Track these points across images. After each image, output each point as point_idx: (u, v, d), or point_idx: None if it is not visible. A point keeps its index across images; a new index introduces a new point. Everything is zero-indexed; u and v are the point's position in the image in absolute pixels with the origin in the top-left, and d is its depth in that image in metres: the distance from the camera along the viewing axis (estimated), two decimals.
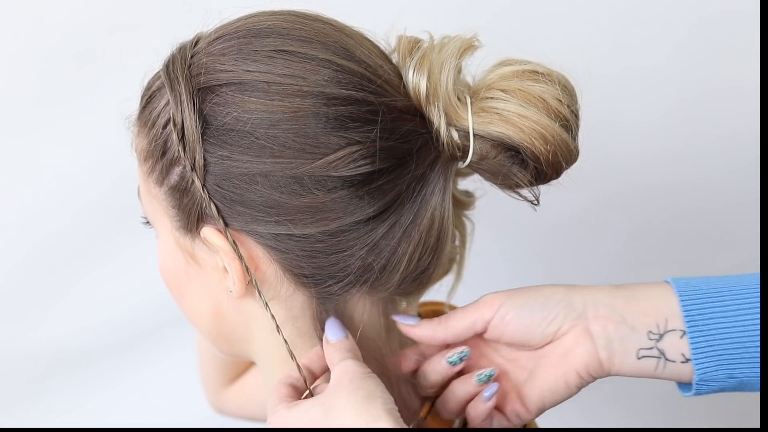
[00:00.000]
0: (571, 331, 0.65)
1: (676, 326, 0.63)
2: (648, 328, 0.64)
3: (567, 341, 0.65)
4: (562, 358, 0.66)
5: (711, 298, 0.64)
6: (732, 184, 1.18)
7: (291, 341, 0.68)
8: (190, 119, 0.62)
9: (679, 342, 0.63)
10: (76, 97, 1.10)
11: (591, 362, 0.65)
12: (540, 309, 0.65)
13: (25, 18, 1.07)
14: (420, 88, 0.64)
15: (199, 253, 0.66)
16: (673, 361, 0.64)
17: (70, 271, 1.19)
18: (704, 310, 0.63)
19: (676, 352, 0.64)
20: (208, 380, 0.99)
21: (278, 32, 0.63)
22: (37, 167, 1.14)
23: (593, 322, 0.65)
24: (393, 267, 0.65)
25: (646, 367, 0.64)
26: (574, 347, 0.65)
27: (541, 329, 0.65)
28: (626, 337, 0.64)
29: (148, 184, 0.67)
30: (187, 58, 0.64)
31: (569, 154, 0.65)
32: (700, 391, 0.64)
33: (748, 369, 0.63)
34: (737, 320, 0.63)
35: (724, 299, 0.64)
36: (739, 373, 0.63)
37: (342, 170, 0.61)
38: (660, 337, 0.64)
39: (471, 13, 1.05)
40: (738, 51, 1.13)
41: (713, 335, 0.63)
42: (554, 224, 1.16)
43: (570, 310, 0.65)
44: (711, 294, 0.64)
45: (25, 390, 1.25)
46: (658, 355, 0.64)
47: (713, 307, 0.63)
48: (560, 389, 0.66)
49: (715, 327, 0.63)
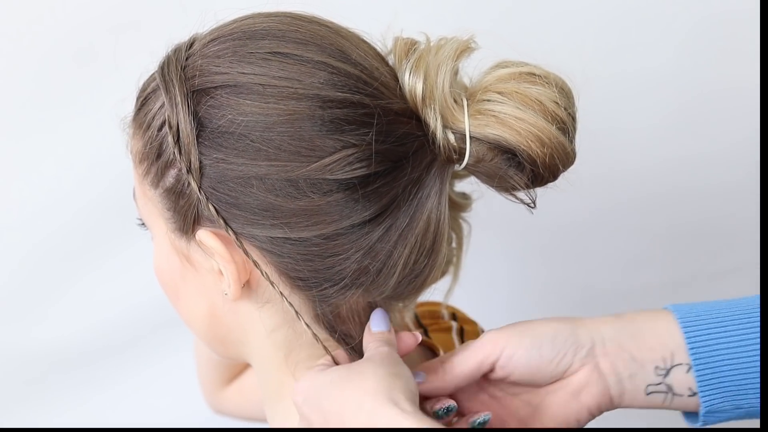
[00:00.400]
0: (582, 370, 0.64)
1: (681, 360, 0.63)
2: (655, 364, 0.63)
3: (578, 380, 0.65)
4: (573, 396, 0.65)
5: (714, 328, 0.63)
6: (732, 185, 1.18)
7: (287, 344, 0.68)
8: (185, 122, 0.61)
9: (685, 376, 0.63)
10: (75, 97, 1.10)
11: (603, 400, 0.65)
12: (549, 347, 0.64)
13: (24, 18, 1.07)
14: (416, 91, 0.63)
15: (194, 255, 0.66)
16: (681, 395, 0.64)
17: (69, 272, 1.19)
18: (709, 342, 0.63)
19: (683, 387, 0.64)
20: (206, 381, 0.99)
21: (274, 34, 0.63)
22: (36, 168, 1.14)
23: (602, 359, 0.64)
24: (389, 270, 0.65)
25: (654, 401, 0.65)
26: (586, 386, 0.65)
27: (551, 368, 0.64)
28: (635, 374, 0.64)
29: (143, 186, 0.67)
30: (182, 60, 0.64)
31: (566, 157, 0.65)
32: (707, 421, 0.64)
33: (755, 399, 0.62)
34: (742, 350, 0.62)
35: (728, 328, 0.63)
36: (746, 404, 0.63)
37: (337, 173, 0.60)
38: (667, 372, 0.63)
39: (468, 15, 1.05)
40: (738, 53, 1.12)
41: (719, 367, 0.62)
42: (552, 226, 1.16)
43: (579, 347, 0.64)
44: (714, 324, 0.63)
45: (25, 390, 1.25)
46: (666, 390, 0.64)
47: (718, 336, 0.63)
48: (572, 425, 0.66)
49: (720, 358, 0.62)
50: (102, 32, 1.07)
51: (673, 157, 1.17)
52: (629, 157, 1.17)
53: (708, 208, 1.20)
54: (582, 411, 0.65)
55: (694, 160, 1.17)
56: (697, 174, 1.18)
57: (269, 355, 0.69)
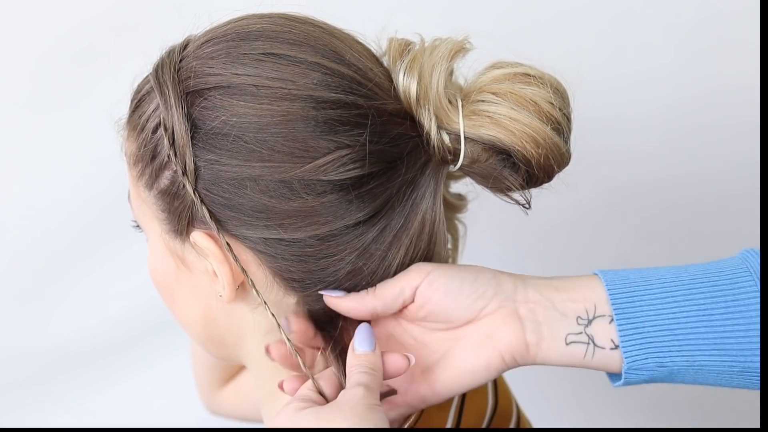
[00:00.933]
0: (498, 312, 0.64)
1: (604, 312, 0.62)
2: (577, 314, 0.63)
3: (492, 322, 0.64)
4: (486, 338, 0.64)
5: (639, 286, 0.62)
6: (732, 184, 1.17)
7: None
8: (179, 123, 0.61)
9: (608, 327, 0.62)
10: (73, 98, 1.10)
11: (517, 345, 0.63)
12: (470, 282, 0.63)
13: (22, 19, 1.07)
14: (410, 91, 0.63)
15: (188, 257, 0.66)
16: (602, 347, 0.62)
17: (69, 272, 1.19)
18: (632, 298, 0.62)
19: (605, 338, 0.62)
20: (202, 382, 0.99)
21: (267, 35, 0.63)
22: (35, 168, 1.14)
23: (522, 305, 0.64)
24: (384, 271, 0.65)
25: (575, 354, 0.63)
26: (501, 328, 0.63)
27: (468, 302, 0.63)
28: (555, 322, 0.63)
29: (137, 188, 0.67)
30: (176, 61, 0.64)
31: (561, 158, 0.64)
32: (629, 379, 0.62)
33: (679, 357, 0.61)
34: (665, 308, 0.62)
35: (652, 287, 0.62)
36: (669, 362, 0.61)
37: (331, 174, 0.60)
38: (589, 323, 0.62)
39: (463, 16, 1.04)
40: (737, 53, 1.12)
41: (641, 322, 0.61)
42: (548, 226, 1.16)
43: (499, 289, 0.63)
44: (639, 282, 0.63)
45: (25, 390, 1.25)
46: (587, 341, 0.63)
47: (641, 295, 0.62)
48: (480, 372, 0.64)
49: (643, 314, 0.62)
50: (100, 34, 1.07)
51: (672, 157, 1.17)
52: (627, 157, 1.17)
53: (708, 208, 1.20)
54: (493, 355, 0.63)
55: (694, 160, 1.17)
56: (696, 174, 1.18)
57: (264, 356, 0.69)
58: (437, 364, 0.65)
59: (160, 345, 1.24)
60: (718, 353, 0.61)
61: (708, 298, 0.62)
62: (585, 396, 1.28)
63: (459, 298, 0.63)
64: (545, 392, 1.25)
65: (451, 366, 0.65)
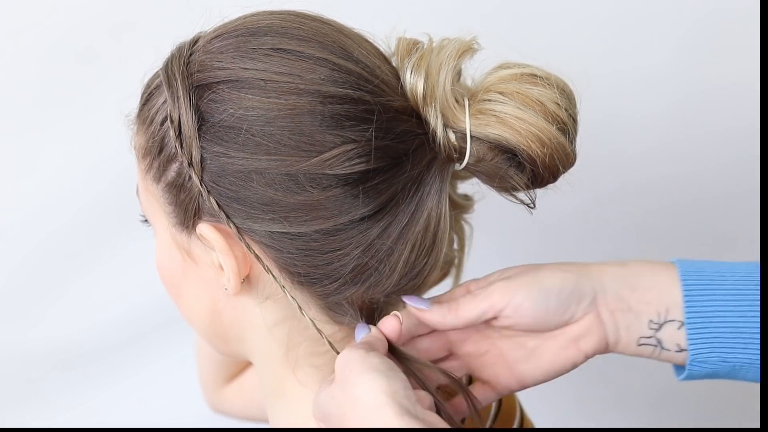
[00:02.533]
0: (584, 318, 0.67)
1: (675, 317, 0.66)
2: (650, 317, 0.66)
3: (579, 328, 0.67)
4: (573, 342, 0.68)
5: (713, 281, 0.65)
6: (732, 183, 1.18)
7: (290, 339, 0.68)
8: (187, 115, 0.62)
9: (676, 333, 0.66)
10: (76, 96, 1.11)
11: (600, 346, 0.68)
12: (555, 300, 0.66)
13: (25, 17, 1.07)
14: (417, 89, 0.64)
15: (195, 249, 0.66)
16: (669, 350, 0.67)
17: (69, 271, 1.19)
18: (704, 292, 0.65)
19: (672, 342, 0.66)
20: (206, 379, 0.99)
21: (276, 31, 0.64)
22: (37, 167, 1.14)
23: (603, 309, 0.67)
24: (389, 268, 0.65)
25: (644, 352, 0.67)
26: (587, 334, 0.67)
27: (556, 318, 0.67)
28: (631, 325, 0.67)
29: (146, 181, 0.67)
30: (186, 56, 0.65)
31: (566, 158, 0.65)
32: (692, 371, 0.66)
33: (742, 355, 0.64)
34: (736, 305, 0.65)
35: (726, 283, 0.65)
36: (732, 358, 0.65)
37: (337, 168, 0.61)
38: (659, 327, 0.66)
39: (471, 16, 1.05)
40: (737, 51, 1.13)
41: (710, 317, 0.65)
42: (554, 226, 1.16)
43: (582, 297, 0.66)
44: (713, 277, 0.66)
45: (25, 390, 1.25)
46: (656, 344, 0.67)
47: (714, 289, 0.65)
48: (567, 367, 0.69)
49: (713, 309, 0.65)
50: (103, 31, 1.08)
51: (671, 156, 1.17)
52: (628, 156, 1.17)
53: (708, 208, 1.20)
54: (579, 355, 0.68)
55: (694, 160, 1.17)
56: (696, 173, 1.18)
57: (270, 351, 0.69)
58: (524, 359, 0.69)
59: (159, 345, 1.24)
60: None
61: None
62: (585, 396, 1.28)
63: (546, 317, 0.66)
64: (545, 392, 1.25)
65: (538, 361, 0.69)
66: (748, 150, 1.13)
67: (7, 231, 1.17)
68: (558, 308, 0.66)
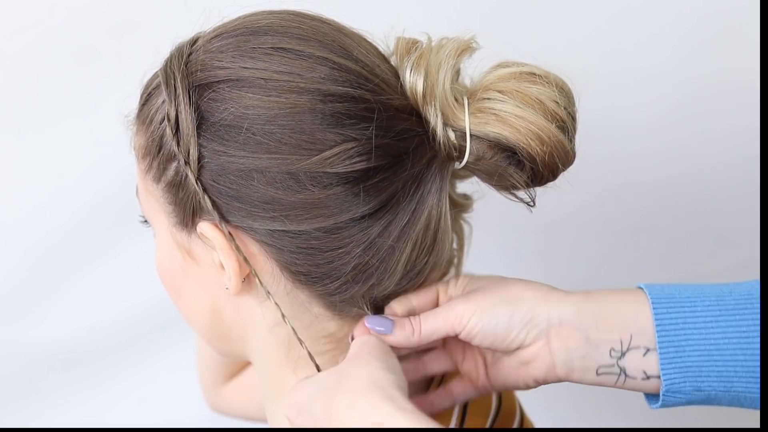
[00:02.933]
0: (533, 345, 0.66)
1: (640, 343, 0.64)
2: (611, 346, 0.64)
3: (527, 354, 0.66)
4: (522, 365, 0.67)
5: (684, 308, 0.63)
6: (732, 183, 1.18)
7: (289, 340, 0.68)
8: (185, 113, 0.62)
9: (641, 360, 0.64)
10: (76, 96, 1.10)
11: (549, 375, 0.67)
12: (503, 327, 0.65)
13: (25, 17, 1.07)
14: (417, 88, 0.64)
15: (195, 249, 0.66)
16: (634, 377, 0.64)
17: (69, 271, 1.19)
18: (677, 320, 0.63)
19: (636, 370, 0.64)
20: (206, 379, 0.99)
21: (276, 30, 0.64)
22: (36, 167, 1.14)
23: (555, 339, 0.65)
24: (390, 267, 0.65)
25: (606, 381, 0.65)
26: (533, 360, 0.66)
27: (505, 344, 0.66)
28: (587, 355, 0.65)
29: (145, 181, 0.67)
30: (185, 55, 0.65)
31: (565, 156, 0.65)
32: (666, 402, 0.64)
33: (716, 383, 0.63)
34: (709, 333, 0.63)
35: (696, 309, 0.63)
36: (707, 387, 0.63)
37: (337, 167, 0.61)
38: (622, 355, 0.64)
39: (470, 16, 1.05)
40: (736, 50, 1.13)
41: (683, 346, 0.63)
42: (554, 225, 1.16)
43: (532, 326, 0.65)
44: (684, 303, 0.64)
45: (25, 390, 1.25)
46: (618, 372, 0.65)
47: (686, 317, 0.63)
48: (521, 387, 0.69)
49: (686, 338, 0.63)
50: (103, 31, 1.08)
51: (671, 155, 1.17)
52: (628, 155, 1.17)
53: (707, 207, 1.20)
54: (529, 379, 0.68)
55: (694, 159, 1.17)
56: (696, 172, 1.18)
57: (270, 351, 0.69)
58: (492, 364, 0.70)
59: (159, 345, 1.24)
60: (755, 381, 0.62)
61: (751, 326, 0.62)
62: (584, 396, 1.28)
63: (495, 341, 0.66)
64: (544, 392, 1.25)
65: (499, 372, 0.69)
66: (748, 150, 1.13)
67: (7, 231, 1.17)
68: (506, 335, 0.65)
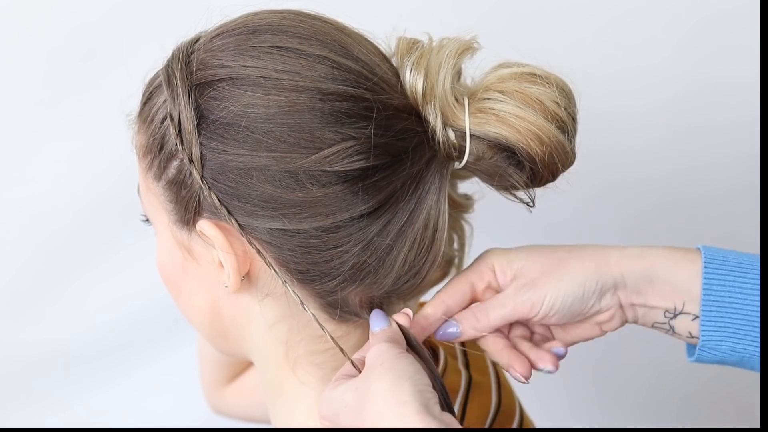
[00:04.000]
0: (608, 311, 0.70)
1: (690, 310, 0.68)
2: (666, 308, 0.69)
3: (603, 317, 0.71)
4: (598, 325, 0.72)
5: (734, 271, 0.67)
6: (732, 183, 1.18)
7: (289, 338, 0.69)
8: (186, 112, 0.62)
9: (689, 323, 0.69)
10: (78, 96, 1.11)
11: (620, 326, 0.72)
12: (579, 304, 0.68)
13: (28, 17, 1.07)
14: (417, 87, 0.64)
15: (195, 247, 0.67)
16: (680, 335, 0.70)
17: (70, 271, 1.19)
18: (724, 282, 0.67)
19: (684, 330, 0.69)
20: (207, 379, 0.99)
21: (276, 29, 0.64)
22: (38, 166, 1.14)
23: (624, 301, 0.70)
24: (388, 266, 0.65)
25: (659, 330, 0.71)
26: (610, 321, 0.71)
27: (581, 317, 0.70)
28: (647, 314, 0.70)
29: (146, 180, 0.68)
30: (186, 54, 0.65)
31: (565, 157, 0.65)
32: (702, 356, 0.69)
33: (752, 347, 0.67)
34: (752, 298, 0.66)
35: (746, 275, 0.67)
36: (742, 349, 0.67)
37: (336, 165, 0.61)
38: (674, 317, 0.69)
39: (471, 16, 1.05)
40: (736, 50, 1.13)
41: (726, 307, 0.67)
42: (554, 224, 1.16)
43: (603, 293, 0.69)
44: (735, 267, 0.67)
45: (25, 390, 1.25)
46: (668, 329, 0.70)
47: (734, 279, 0.67)
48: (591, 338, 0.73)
49: (730, 299, 0.67)
50: (106, 31, 1.08)
51: (672, 155, 1.18)
52: (628, 155, 1.18)
53: (707, 207, 1.20)
54: (601, 333, 0.72)
55: (694, 159, 1.18)
56: (696, 173, 1.19)
57: (270, 349, 0.70)
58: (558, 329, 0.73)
59: (160, 345, 1.24)
60: None
61: None
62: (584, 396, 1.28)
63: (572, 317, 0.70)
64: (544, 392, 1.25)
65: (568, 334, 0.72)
66: (748, 149, 1.13)
67: (8, 230, 1.17)
68: (582, 309, 0.69)
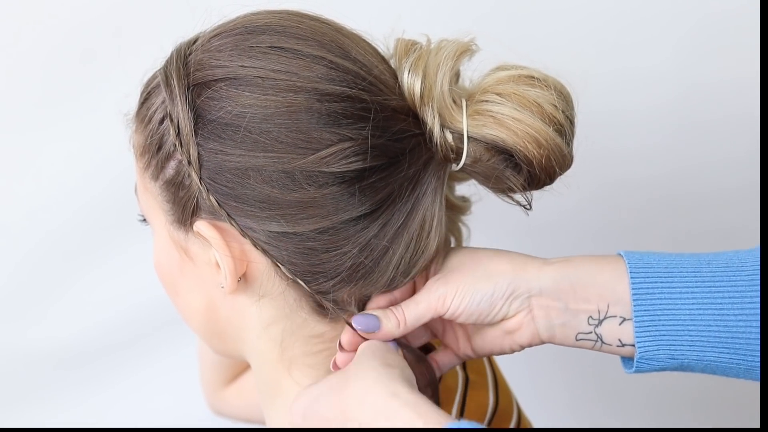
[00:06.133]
0: (516, 316, 0.67)
1: (616, 313, 0.65)
2: (589, 314, 0.66)
3: (511, 324, 0.68)
4: (506, 334, 0.69)
5: (661, 277, 0.65)
6: (732, 181, 1.18)
7: (284, 338, 0.69)
8: (184, 113, 0.62)
9: (617, 329, 0.65)
10: (76, 96, 1.11)
11: (533, 340, 0.68)
12: (487, 303, 0.66)
13: (26, 17, 1.08)
14: (414, 89, 0.64)
15: (192, 248, 0.67)
16: (609, 344, 0.66)
17: (70, 271, 1.19)
18: (653, 290, 0.64)
19: (612, 338, 0.66)
20: (207, 381, 0.99)
21: (274, 29, 0.64)
22: (37, 167, 1.14)
23: (536, 308, 0.67)
24: (384, 266, 0.65)
25: (583, 345, 0.68)
26: (518, 329, 0.68)
27: (489, 319, 0.67)
28: (567, 323, 0.67)
29: (144, 179, 0.68)
30: (184, 55, 0.65)
31: (563, 159, 0.65)
32: (641, 368, 0.66)
33: (690, 352, 0.64)
34: (684, 303, 0.64)
35: (673, 279, 0.64)
36: (680, 355, 0.64)
37: (333, 166, 0.61)
38: (599, 323, 0.66)
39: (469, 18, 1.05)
40: (736, 51, 1.13)
41: (658, 315, 0.64)
42: (551, 226, 1.16)
43: (514, 298, 0.67)
44: (661, 273, 0.65)
45: (25, 390, 1.25)
46: (595, 339, 0.67)
47: (662, 287, 0.64)
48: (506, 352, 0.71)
49: (661, 307, 0.64)
50: (104, 32, 1.08)
51: (671, 156, 1.17)
52: (626, 156, 1.18)
53: (707, 207, 1.20)
54: (514, 345, 0.69)
55: (693, 159, 1.17)
56: (695, 173, 1.19)
57: (265, 350, 0.70)
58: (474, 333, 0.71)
59: (159, 345, 1.24)
60: (727, 351, 0.64)
61: (726, 299, 0.64)
62: (583, 396, 1.28)
63: (480, 317, 0.67)
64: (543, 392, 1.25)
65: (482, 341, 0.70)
66: (748, 149, 1.13)
67: (8, 230, 1.17)
68: (490, 310, 0.67)
